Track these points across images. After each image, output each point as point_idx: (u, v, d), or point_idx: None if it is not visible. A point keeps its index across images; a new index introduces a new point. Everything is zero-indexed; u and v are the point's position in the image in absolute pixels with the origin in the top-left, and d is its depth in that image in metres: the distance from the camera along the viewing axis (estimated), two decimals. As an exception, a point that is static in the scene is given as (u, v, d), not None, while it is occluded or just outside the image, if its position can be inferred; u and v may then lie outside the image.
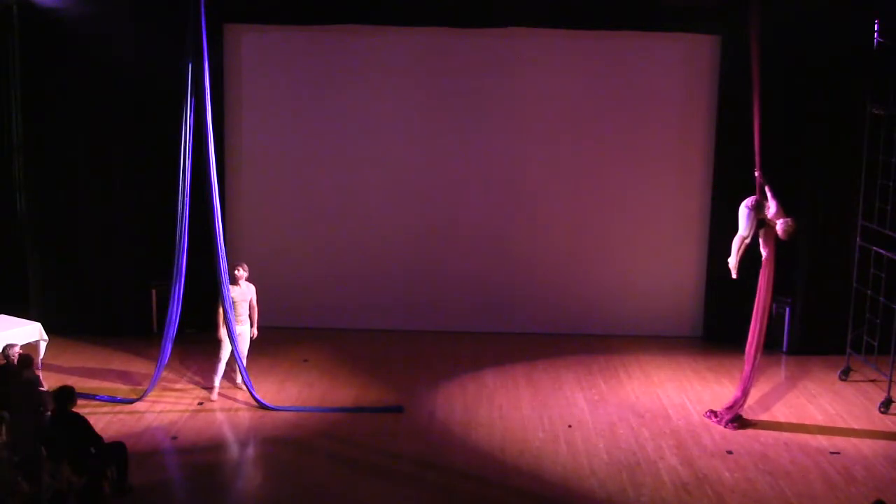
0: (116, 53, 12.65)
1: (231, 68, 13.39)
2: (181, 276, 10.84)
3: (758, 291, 10.82)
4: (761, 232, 10.64)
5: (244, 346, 11.20)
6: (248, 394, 11.05)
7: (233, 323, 10.90)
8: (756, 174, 10.60)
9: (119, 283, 13.28)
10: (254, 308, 11.31)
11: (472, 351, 13.13)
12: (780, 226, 10.45)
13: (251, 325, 11.33)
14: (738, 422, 10.73)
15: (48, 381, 10.55)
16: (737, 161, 12.17)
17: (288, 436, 10.29)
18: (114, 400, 11.01)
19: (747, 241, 10.58)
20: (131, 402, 10.97)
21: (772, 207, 10.49)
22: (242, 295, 11.17)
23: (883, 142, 11.86)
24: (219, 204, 10.81)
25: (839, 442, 10.39)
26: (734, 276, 10.75)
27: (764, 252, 10.72)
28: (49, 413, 9.41)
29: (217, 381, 11.21)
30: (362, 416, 10.87)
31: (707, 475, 9.53)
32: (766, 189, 10.55)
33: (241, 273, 11.22)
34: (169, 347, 11.00)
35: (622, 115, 13.61)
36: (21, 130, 12.99)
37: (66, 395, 8.75)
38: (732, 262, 10.67)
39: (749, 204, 10.52)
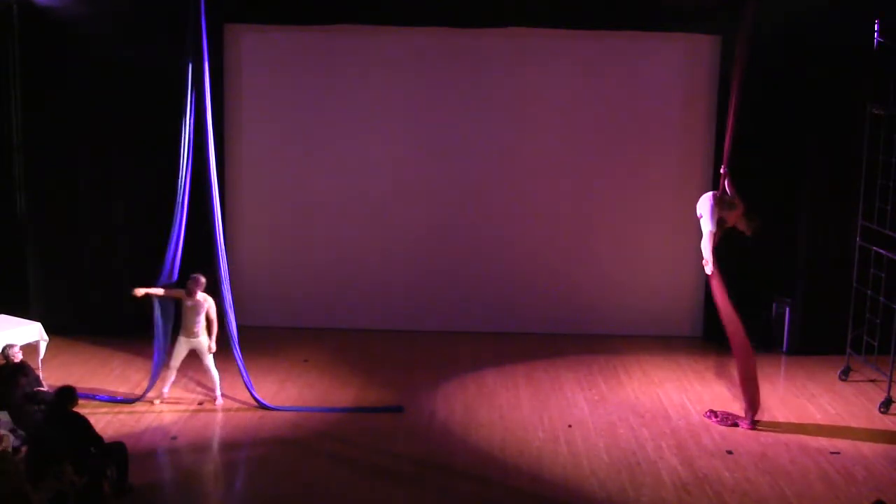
0: (116, 53, 12.65)
1: (231, 68, 13.40)
2: (175, 273, 10.82)
3: (715, 295, 10.76)
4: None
5: (206, 358, 10.90)
6: (248, 394, 11.05)
7: (232, 325, 10.89)
8: (722, 171, 10.63)
9: (119, 283, 13.27)
10: (212, 322, 10.83)
11: (472, 351, 13.13)
12: (746, 224, 10.61)
13: (209, 337, 10.87)
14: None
15: (48, 382, 10.53)
16: (737, 161, 12.15)
17: (288, 436, 10.29)
18: (114, 400, 11.01)
19: (715, 234, 10.54)
20: (131, 401, 10.97)
21: (736, 205, 10.57)
22: (195, 308, 10.78)
23: (883, 142, 11.86)
24: (219, 204, 10.82)
25: (839, 442, 10.38)
26: (710, 271, 10.61)
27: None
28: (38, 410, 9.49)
29: (165, 386, 11.02)
30: (362, 416, 10.87)
31: (707, 475, 9.53)
32: (729, 186, 10.60)
33: (196, 286, 10.78)
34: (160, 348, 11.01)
35: (622, 114, 13.61)
36: (21, 130, 12.98)
37: (67, 396, 8.75)
38: (707, 256, 10.52)
39: (714, 197, 10.54)
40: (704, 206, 10.57)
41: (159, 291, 10.77)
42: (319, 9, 12.92)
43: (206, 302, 10.84)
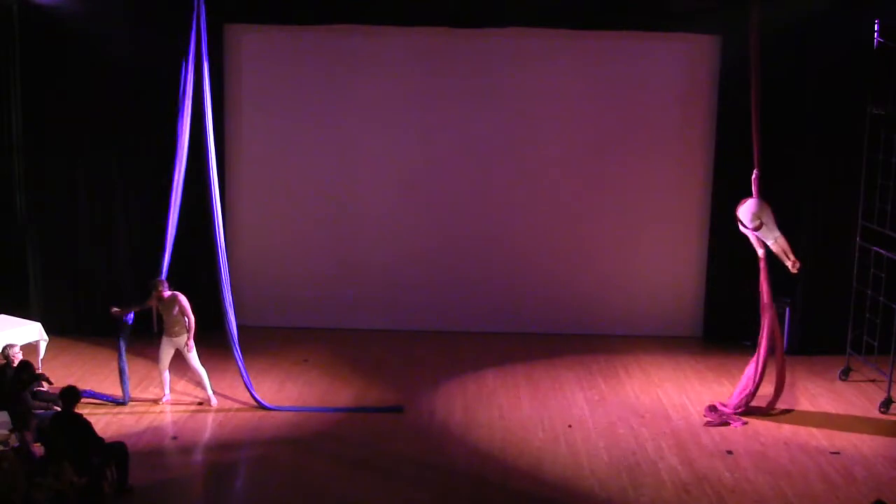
0: (116, 53, 12.65)
1: (231, 68, 13.39)
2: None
3: (762, 290, 10.98)
4: (756, 233, 10.74)
5: (188, 358, 10.82)
6: (248, 394, 11.04)
7: (233, 325, 10.88)
8: (755, 174, 10.64)
9: (119, 283, 13.29)
10: (188, 317, 10.72)
11: (472, 351, 13.13)
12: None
13: (187, 334, 10.80)
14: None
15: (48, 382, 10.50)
16: (737, 161, 12.19)
17: (288, 436, 10.29)
18: (104, 399, 11.01)
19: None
20: (119, 402, 10.97)
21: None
22: (167, 307, 10.75)
23: (883, 142, 11.86)
24: (219, 203, 10.82)
25: (839, 442, 10.39)
26: (798, 269, 10.82)
27: (762, 250, 10.83)
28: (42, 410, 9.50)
29: (164, 388, 11.09)
30: (362, 416, 10.87)
31: (707, 475, 9.53)
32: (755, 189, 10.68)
33: (163, 290, 10.74)
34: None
35: (622, 114, 13.61)
36: (21, 130, 12.98)
37: (70, 396, 8.75)
38: (793, 256, 10.72)
39: (759, 203, 10.63)
40: (763, 214, 10.56)
41: (133, 309, 10.95)
42: (319, 9, 12.91)
43: (176, 298, 10.76)
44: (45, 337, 11.49)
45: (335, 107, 13.60)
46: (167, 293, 10.77)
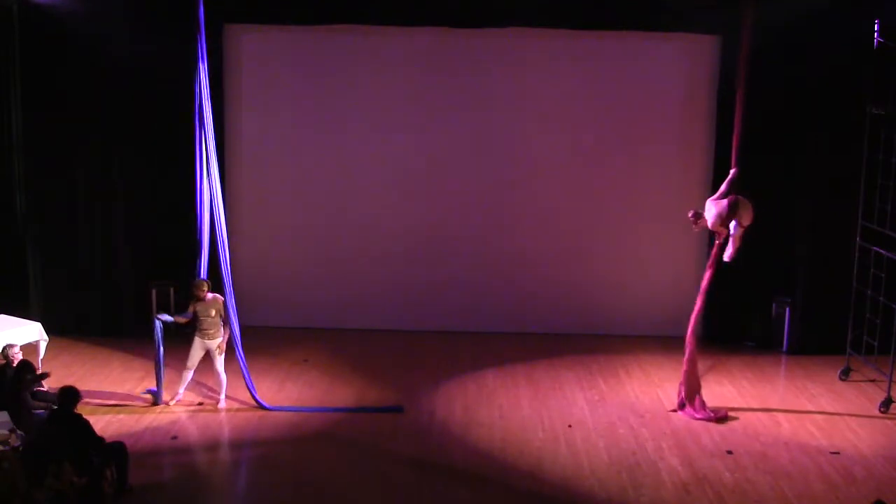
0: (116, 53, 12.66)
1: (231, 68, 13.39)
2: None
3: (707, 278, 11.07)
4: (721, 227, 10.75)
5: (216, 361, 10.84)
6: (248, 394, 11.04)
7: (235, 326, 10.88)
8: (733, 171, 10.64)
9: (119, 282, 13.29)
10: (224, 320, 10.80)
11: (472, 351, 13.13)
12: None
13: (222, 337, 10.85)
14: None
15: (49, 382, 10.45)
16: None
17: (288, 436, 10.29)
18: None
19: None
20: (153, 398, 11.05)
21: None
22: (206, 308, 10.76)
23: (883, 142, 11.85)
24: (221, 204, 10.81)
25: (839, 442, 10.39)
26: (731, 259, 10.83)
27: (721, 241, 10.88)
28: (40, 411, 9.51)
29: (181, 387, 11.04)
30: (362, 416, 10.87)
31: (707, 475, 9.53)
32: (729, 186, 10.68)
33: (204, 291, 10.76)
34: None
35: (622, 114, 13.61)
36: (21, 130, 12.99)
37: (71, 396, 8.76)
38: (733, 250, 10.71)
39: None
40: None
41: (178, 319, 10.93)
42: (319, 9, 12.92)
43: (217, 301, 10.81)
44: (45, 337, 11.48)
45: (335, 107, 13.60)
46: (209, 295, 10.77)
